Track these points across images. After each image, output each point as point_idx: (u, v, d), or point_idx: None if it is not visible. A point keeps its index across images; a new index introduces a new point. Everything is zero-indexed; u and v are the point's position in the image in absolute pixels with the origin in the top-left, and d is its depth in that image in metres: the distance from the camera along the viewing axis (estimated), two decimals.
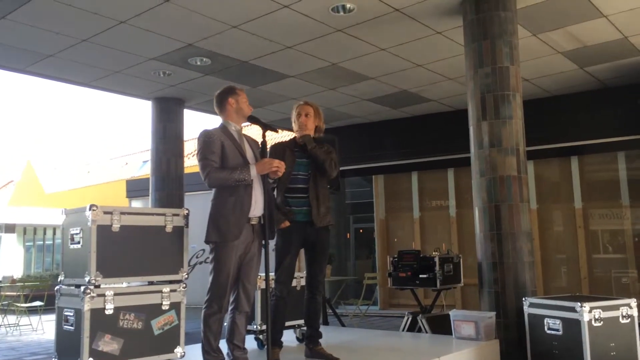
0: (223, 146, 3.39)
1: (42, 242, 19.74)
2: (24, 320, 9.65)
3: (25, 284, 11.26)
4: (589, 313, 4.13)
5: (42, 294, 9.89)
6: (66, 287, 3.23)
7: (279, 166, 3.41)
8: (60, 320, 3.20)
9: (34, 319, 9.66)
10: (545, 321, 4.44)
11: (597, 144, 8.59)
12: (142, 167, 21.06)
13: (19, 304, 9.81)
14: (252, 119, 3.53)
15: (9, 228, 20.25)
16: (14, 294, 10.90)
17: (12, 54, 6.56)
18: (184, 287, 3.41)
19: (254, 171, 3.35)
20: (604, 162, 8.96)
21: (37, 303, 9.57)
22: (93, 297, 3.03)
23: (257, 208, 3.43)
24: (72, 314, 3.10)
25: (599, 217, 8.89)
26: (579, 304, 4.16)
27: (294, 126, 4.01)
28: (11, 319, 9.70)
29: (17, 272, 18.55)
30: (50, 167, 26.13)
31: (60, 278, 3.32)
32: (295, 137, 4.06)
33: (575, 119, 8.62)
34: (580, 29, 6.20)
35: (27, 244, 21.21)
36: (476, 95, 5.24)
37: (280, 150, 3.89)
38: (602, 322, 4.15)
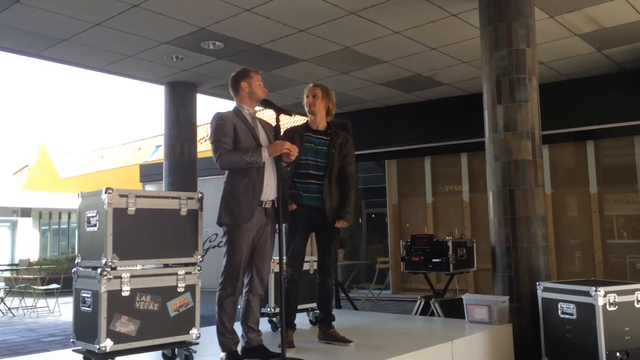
0: (235, 129, 3.39)
1: (57, 226, 20.00)
2: (41, 302, 9.83)
3: (42, 267, 11.45)
4: (603, 297, 4.11)
5: (58, 276, 10.05)
6: (83, 269, 3.27)
7: (290, 149, 3.40)
8: (78, 302, 3.25)
9: (51, 301, 9.82)
10: (559, 305, 4.42)
11: (613, 128, 8.47)
12: (155, 151, 21.18)
13: (36, 287, 9.98)
14: (266, 103, 3.52)
15: (25, 212, 20.53)
16: (31, 276, 11.08)
17: (27, 38, 6.59)
18: (198, 270, 3.43)
19: (265, 153, 3.35)
20: (619, 147, 8.85)
21: (54, 285, 9.73)
22: (110, 279, 3.06)
23: (270, 191, 3.44)
24: (89, 296, 3.14)
25: (614, 202, 8.81)
26: (593, 288, 4.14)
27: (305, 106, 4.01)
28: (28, 301, 9.88)
29: (34, 256, 18.85)
30: (64, 151, 26.37)
31: (77, 260, 3.35)
32: (307, 121, 4.05)
33: (591, 103, 8.49)
34: (598, 10, 6.08)
35: (42, 228, 21.51)
36: (491, 78, 5.18)
37: (290, 135, 3.88)
38: (616, 307, 4.13)
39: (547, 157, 8.87)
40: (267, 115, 4.15)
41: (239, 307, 3.48)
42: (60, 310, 9.50)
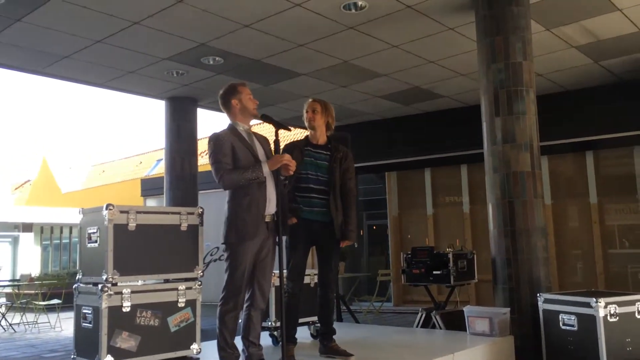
0: (233, 147, 3.42)
1: (58, 241, 20.00)
2: (42, 318, 9.80)
3: (43, 282, 11.43)
4: (604, 308, 4.11)
5: (59, 292, 10.04)
6: (84, 285, 3.29)
7: (289, 162, 3.42)
8: (79, 318, 3.26)
9: (52, 316, 9.80)
10: (560, 317, 4.42)
11: (612, 139, 8.49)
12: (156, 165, 21.24)
13: (37, 302, 9.96)
14: (265, 118, 3.55)
15: (27, 227, 20.54)
16: (32, 292, 11.06)
17: (29, 56, 6.66)
18: (199, 285, 3.45)
19: (266, 168, 3.37)
20: (619, 157, 8.88)
21: (55, 301, 9.71)
22: (110, 295, 3.08)
23: (270, 206, 3.46)
24: (90, 312, 3.16)
25: (614, 212, 8.81)
26: (594, 299, 4.14)
27: (305, 121, 4.04)
28: (30, 317, 9.86)
29: (35, 271, 18.82)
30: (65, 166, 26.44)
31: (78, 276, 3.38)
32: (307, 135, 4.08)
33: (590, 114, 8.53)
34: (594, 23, 6.14)
35: (44, 243, 21.50)
36: (489, 91, 5.22)
37: (290, 149, 3.92)
38: (617, 318, 4.13)
39: (547, 168, 8.91)
40: (264, 128, 4.19)
41: (240, 321, 3.49)
42: (62, 326, 9.47)
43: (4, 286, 11.60)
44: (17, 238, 20.63)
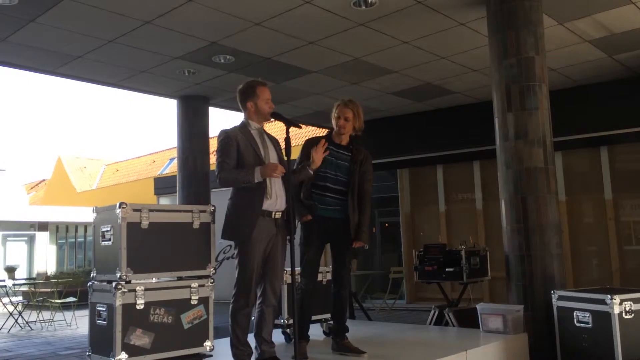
0: (239, 146, 3.44)
1: (74, 240, 20.22)
2: (58, 315, 9.92)
3: (59, 280, 11.57)
4: (619, 305, 4.06)
5: (75, 290, 10.16)
6: (98, 283, 3.32)
7: (280, 174, 3.43)
8: (94, 316, 3.29)
9: (68, 314, 9.91)
10: (574, 314, 4.38)
11: (627, 134, 8.38)
12: (169, 164, 21.37)
13: (53, 300, 10.09)
14: (276, 116, 3.56)
15: (42, 226, 20.79)
16: (48, 290, 11.20)
17: (42, 57, 6.73)
18: (211, 282, 3.47)
19: (258, 174, 3.37)
20: (634, 152, 8.75)
21: (71, 299, 9.83)
22: (124, 292, 3.11)
23: (279, 202, 3.47)
24: (104, 309, 3.19)
25: (630, 208, 8.70)
26: (609, 296, 4.10)
27: (333, 123, 4.03)
28: (46, 314, 9.98)
29: (51, 269, 19.05)
30: (79, 165, 26.71)
31: (93, 274, 3.41)
32: (330, 133, 4.07)
33: (604, 108, 8.43)
34: (608, 16, 6.06)
35: (59, 241, 21.75)
36: (501, 86, 5.18)
37: (311, 145, 3.91)
38: (633, 315, 4.08)
39: (561, 164, 8.81)
40: (274, 127, 4.19)
41: (252, 318, 3.51)
42: (77, 323, 9.58)
43: (21, 284, 11.75)
44: (32, 237, 20.90)
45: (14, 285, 11.05)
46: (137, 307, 3.14)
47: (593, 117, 8.52)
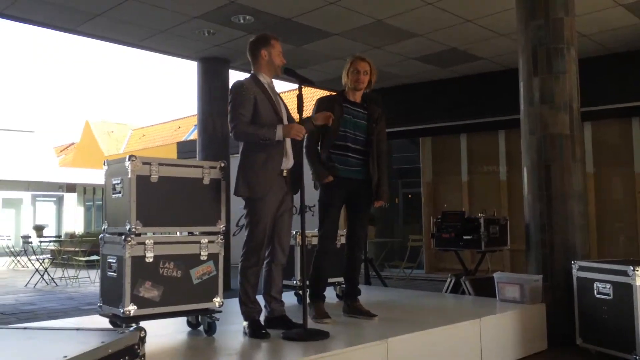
0: (256, 100, 3.35)
1: (101, 202, 20.62)
2: (83, 273, 10.17)
3: (83, 239, 11.83)
4: None
5: (99, 249, 10.36)
6: (109, 235, 3.33)
7: (302, 135, 3.36)
8: (105, 267, 3.31)
9: (92, 272, 10.15)
10: (595, 285, 4.26)
11: None
12: (193, 130, 21.46)
13: (78, 258, 10.34)
14: (288, 72, 3.45)
15: (70, 188, 21.24)
16: (74, 249, 11.47)
17: (62, 13, 6.70)
18: (221, 239, 3.44)
19: (280, 132, 3.28)
20: None
21: (95, 257, 10.04)
22: (133, 244, 3.10)
23: (289, 160, 3.42)
24: (114, 261, 3.20)
25: None
26: (631, 267, 3.96)
27: (345, 79, 3.92)
28: (71, 272, 10.24)
29: (78, 230, 19.54)
30: (107, 130, 27.07)
31: (104, 227, 3.42)
32: (343, 91, 3.98)
33: (637, 78, 8.08)
34: None
35: (87, 203, 22.21)
36: (527, 49, 4.97)
37: (327, 103, 3.83)
38: None
39: (590, 135, 8.55)
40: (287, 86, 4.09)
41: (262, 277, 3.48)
42: None
43: (48, 242, 12.06)
44: (61, 198, 21.39)
45: (40, 242, 11.33)
46: (147, 260, 3.14)
47: (625, 87, 8.18)
